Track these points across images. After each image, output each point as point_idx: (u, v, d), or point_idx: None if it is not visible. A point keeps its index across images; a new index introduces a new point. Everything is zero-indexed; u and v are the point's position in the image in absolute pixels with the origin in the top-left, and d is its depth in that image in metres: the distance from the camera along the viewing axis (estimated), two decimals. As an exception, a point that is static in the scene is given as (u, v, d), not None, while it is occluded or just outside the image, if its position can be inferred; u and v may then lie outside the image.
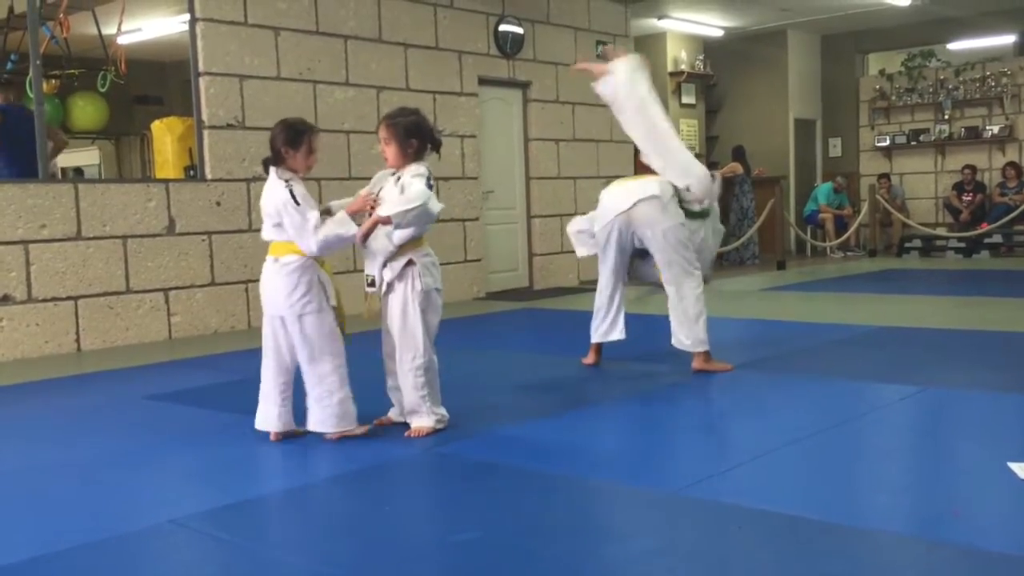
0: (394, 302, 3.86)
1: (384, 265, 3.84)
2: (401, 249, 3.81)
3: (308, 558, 2.62)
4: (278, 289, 3.76)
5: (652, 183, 5.04)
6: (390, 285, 3.86)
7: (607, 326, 5.31)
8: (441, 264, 4.01)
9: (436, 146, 3.94)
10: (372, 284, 3.89)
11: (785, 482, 3.21)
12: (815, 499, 2.99)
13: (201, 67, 7.26)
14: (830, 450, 3.58)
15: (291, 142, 3.75)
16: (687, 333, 5.02)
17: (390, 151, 3.88)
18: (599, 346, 5.38)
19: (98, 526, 2.93)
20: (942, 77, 14.03)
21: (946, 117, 13.97)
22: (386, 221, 3.71)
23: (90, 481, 3.49)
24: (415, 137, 3.86)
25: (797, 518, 2.78)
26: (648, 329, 5.97)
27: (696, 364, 5.04)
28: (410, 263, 3.83)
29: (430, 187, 3.77)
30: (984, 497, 2.99)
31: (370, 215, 3.77)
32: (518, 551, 2.63)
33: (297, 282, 3.73)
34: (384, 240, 3.80)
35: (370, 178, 4.07)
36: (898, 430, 4.01)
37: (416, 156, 3.87)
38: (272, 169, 3.78)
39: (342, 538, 2.83)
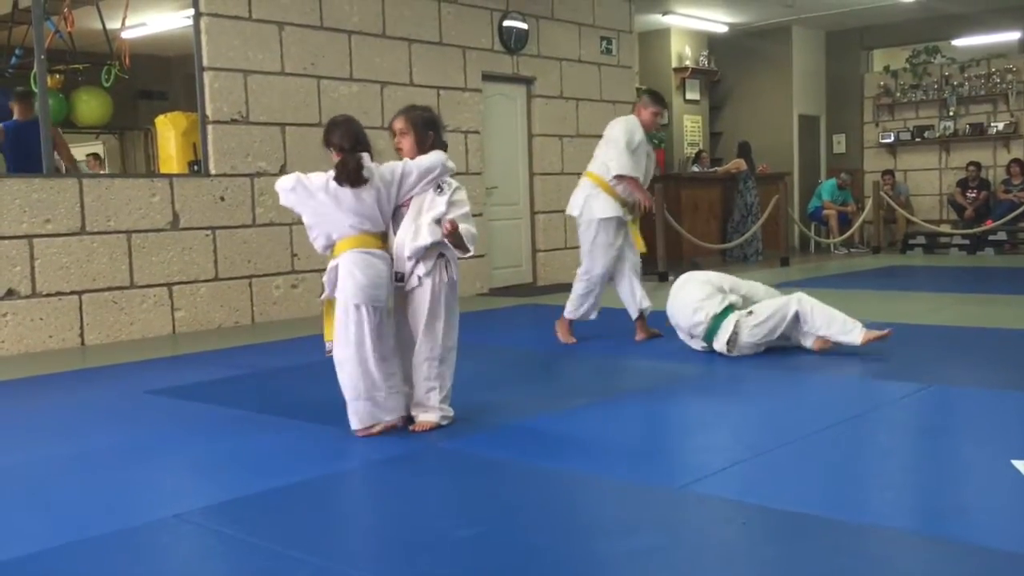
0: (421, 296, 3.83)
1: (416, 261, 3.82)
2: (433, 245, 3.81)
3: (311, 553, 2.63)
4: (386, 278, 3.78)
5: (578, 197, 5.85)
6: (419, 279, 3.83)
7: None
8: (443, 259, 4.01)
9: (443, 147, 3.98)
10: (400, 279, 3.86)
11: (788, 479, 3.21)
12: (818, 496, 2.99)
13: (205, 62, 7.26)
14: (833, 447, 3.58)
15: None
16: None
17: (407, 142, 3.92)
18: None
19: (102, 521, 2.93)
20: (947, 73, 13.99)
21: (951, 114, 13.93)
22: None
23: (93, 476, 3.49)
24: (432, 130, 3.94)
25: (800, 514, 2.78)
26: (650, 324, 5.97)
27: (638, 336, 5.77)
28: (441, 255, 3.85)
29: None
30: (988, 494, 2.99)
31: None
32: (521, 546, 2.64)
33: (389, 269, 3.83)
34: (413, 238, 3.81)
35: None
36: (901, 427, 4.00)
37: (432, 149, 3.92)
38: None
39: (345, 533, 2.84)
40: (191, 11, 7.27)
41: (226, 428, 4.11)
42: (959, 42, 13.95)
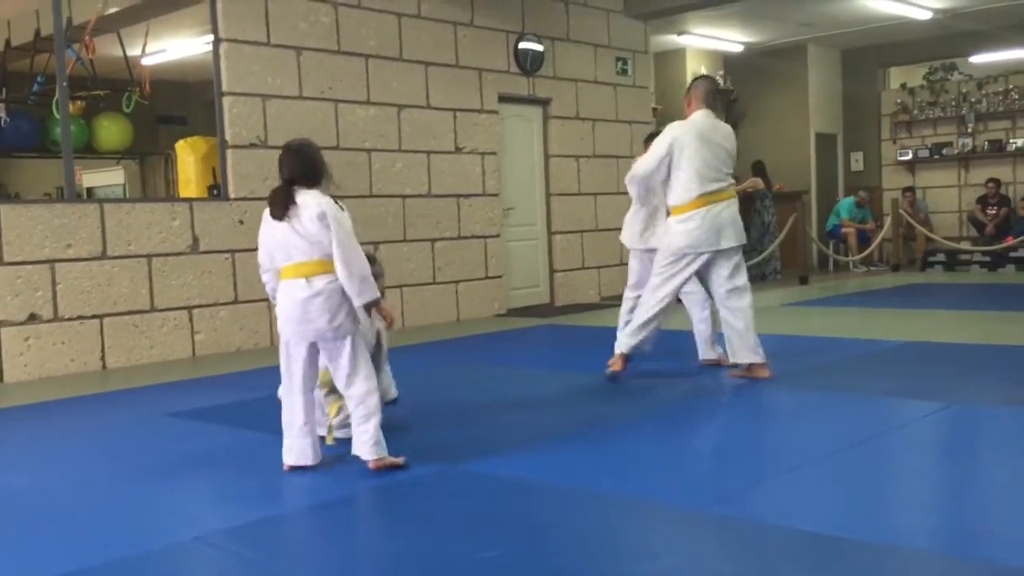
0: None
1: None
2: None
3: (332, 575, 2.63)
4: (321, 312, 3.61)
5: (740, 223, 5.26)
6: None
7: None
8: (462, 281, 4.01)
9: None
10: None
11: (810, 499, 3.18)
12: (841, 516, 2.97)
13: (224, 87, 7.33)
14: (855, 467, 3.55)
15: None
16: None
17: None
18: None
19: (122, 543, 2.95)
20: (964, 90, 13.95)
21: (969, 130, 13.88)
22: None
23: (114, 498, 3.51)
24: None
25: (822, 535, 2.76)
26: (673, 345, 5.95)
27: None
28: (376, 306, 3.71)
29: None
30: (1012, 514, 2.96)
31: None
32: (541, 569, 2.62)
33: (340, 302, 3.62)
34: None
35: (391, 196, 4.04)
36: (924, 447, 3.97)
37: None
38: None
39: (365, 555, 2.83)
40: (211, 37, 7.36)
41: (246, 450, 4.12)
42: (976, 59, 13.90)
